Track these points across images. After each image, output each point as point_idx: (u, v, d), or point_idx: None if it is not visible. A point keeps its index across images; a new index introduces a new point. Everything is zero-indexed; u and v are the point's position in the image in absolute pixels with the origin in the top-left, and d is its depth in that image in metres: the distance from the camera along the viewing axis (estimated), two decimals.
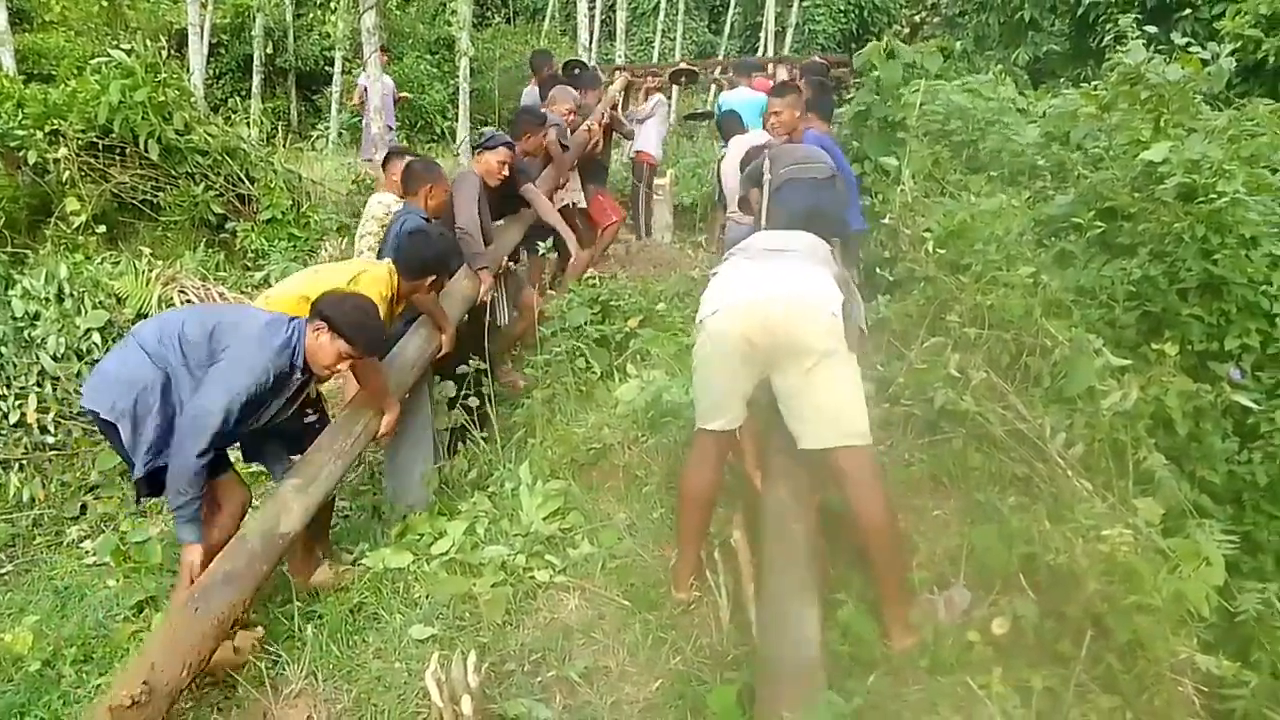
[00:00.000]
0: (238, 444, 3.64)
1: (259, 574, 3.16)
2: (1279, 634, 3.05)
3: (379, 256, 4.72)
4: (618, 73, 10.10)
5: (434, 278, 4.26)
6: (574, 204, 6.99)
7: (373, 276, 4.00)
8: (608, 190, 8.05)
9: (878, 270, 4.69)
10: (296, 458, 3.62)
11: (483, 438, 4.58)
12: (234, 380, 3.13)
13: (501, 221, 5.73)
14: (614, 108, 8.14)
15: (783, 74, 9.62)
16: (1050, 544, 2.84)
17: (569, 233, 6.09)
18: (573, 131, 6.83)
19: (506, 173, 5.41)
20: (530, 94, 8.05)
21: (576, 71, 8.31)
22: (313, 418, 3.74)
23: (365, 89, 9.84)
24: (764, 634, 2.79)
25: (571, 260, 6.64)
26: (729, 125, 7.01)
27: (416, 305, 4.33)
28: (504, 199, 5.61)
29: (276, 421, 3.43)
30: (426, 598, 3.38)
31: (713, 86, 10.63)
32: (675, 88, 11.57)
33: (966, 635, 2.75)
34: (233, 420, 3.14)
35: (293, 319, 3.37)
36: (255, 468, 4.25)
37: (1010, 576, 2.91)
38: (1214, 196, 4.01)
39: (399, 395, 3.74)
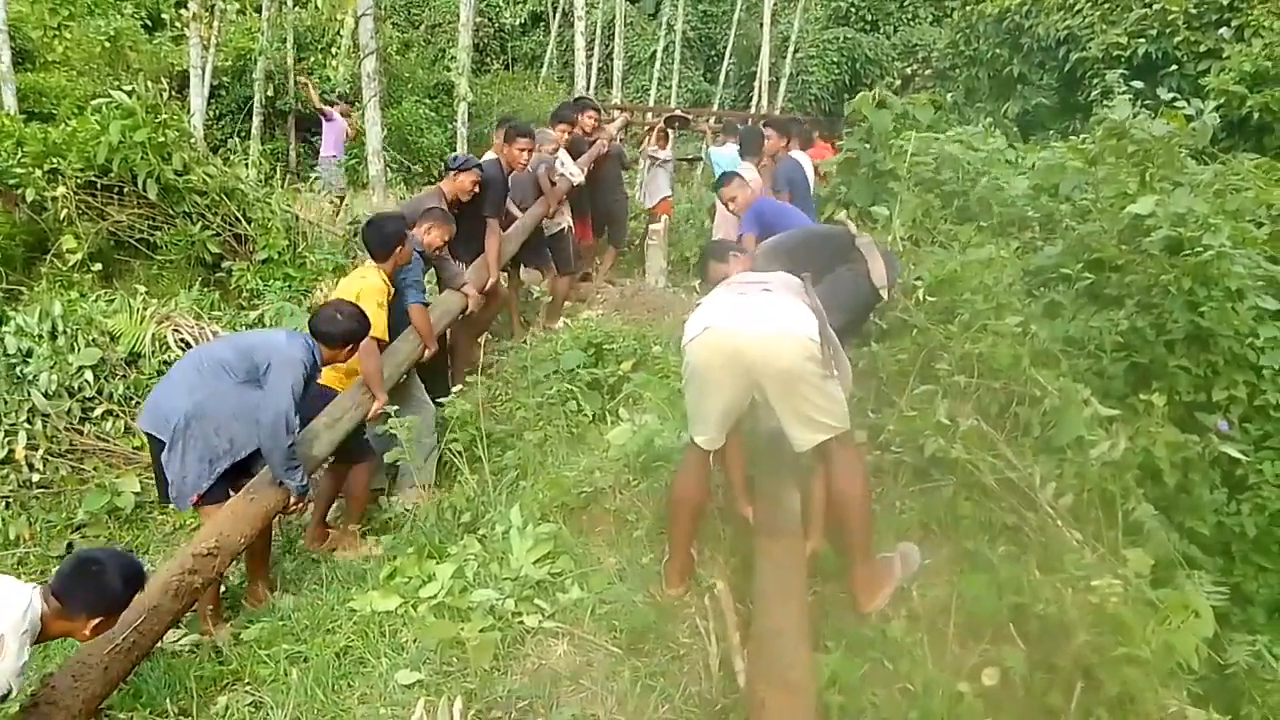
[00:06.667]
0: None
1: None
2: (1270, 687, 3.04)
3: None
4: (617, 112, 10.67)
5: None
6: (567, 229, 7.59)
7: (369, 284, 4.81)
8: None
9: (870, 319, 4.73)
10: None
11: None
12: (286, 378, 3.98)
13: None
14: (611, 139, 8.97)
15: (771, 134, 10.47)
16: (1040, 594, 2.85)
17: (493, 271, 6.40)
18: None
19: (477, 190, 6.08)
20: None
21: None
22: None
23: (329, 120, 11.20)
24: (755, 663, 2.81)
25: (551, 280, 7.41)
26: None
27: (361, 369, 4.66)
28: (469, 218, 6.09)
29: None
30: (414, 642, 3.35)
31: (708, 133, 10.90)
32: (670, 131, 12.03)
33: (957, 686, 2.74)
34: (295, 406, 3.97)
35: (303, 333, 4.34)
36: None
37: (1000, 626, 2.90)
38: (1200, 250, 4.07)
39: (312, 468, 4.31)
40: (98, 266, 7.25)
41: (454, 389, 5.22)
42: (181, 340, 6.44)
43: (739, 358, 3.02)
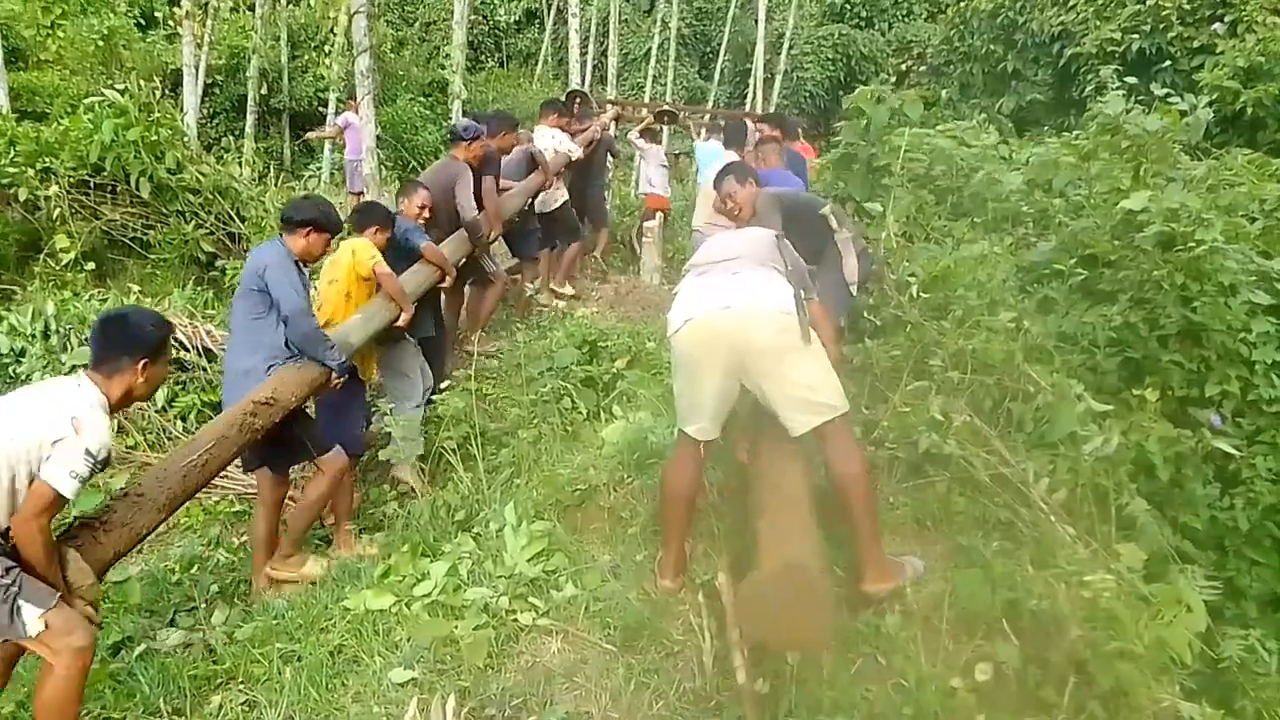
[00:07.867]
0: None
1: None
2: (1263, 681, 3.05)
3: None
4: (609, 105, 11.32)
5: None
6: (564, 201, 8.07)
7: (360, 244, 5.05)
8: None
9: (864, 315, 4.73)
10: None
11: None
12: (283, 282, 4.25)
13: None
14: (604, 129, 9.52)
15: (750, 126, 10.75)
16: (1033, 589, 2.85)
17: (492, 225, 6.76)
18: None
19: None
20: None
21: (579, 100, 9.57)
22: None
23: (347, 127, 11.27)
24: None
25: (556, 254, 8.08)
26: None
27: (384, 288, 5.10)
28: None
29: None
30: (407, 640, 3.34)
31: (702, 130, 11.00)
32: (663, 127, 12.29)
33: (950, 681, 2.74)
34: (303, 295, 4.33)
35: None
36: None
37: (993, 621, 2.90)
38: (1193, 245, 4.08)
39: (348, 354, 4.59)
40: (91, 265, 7.25)
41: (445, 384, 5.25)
42: (174, 340, 6.42)
43: (722, 342, 3.10)
